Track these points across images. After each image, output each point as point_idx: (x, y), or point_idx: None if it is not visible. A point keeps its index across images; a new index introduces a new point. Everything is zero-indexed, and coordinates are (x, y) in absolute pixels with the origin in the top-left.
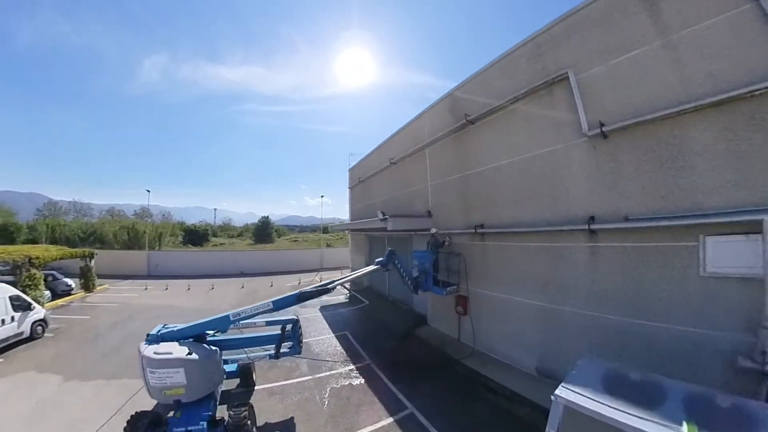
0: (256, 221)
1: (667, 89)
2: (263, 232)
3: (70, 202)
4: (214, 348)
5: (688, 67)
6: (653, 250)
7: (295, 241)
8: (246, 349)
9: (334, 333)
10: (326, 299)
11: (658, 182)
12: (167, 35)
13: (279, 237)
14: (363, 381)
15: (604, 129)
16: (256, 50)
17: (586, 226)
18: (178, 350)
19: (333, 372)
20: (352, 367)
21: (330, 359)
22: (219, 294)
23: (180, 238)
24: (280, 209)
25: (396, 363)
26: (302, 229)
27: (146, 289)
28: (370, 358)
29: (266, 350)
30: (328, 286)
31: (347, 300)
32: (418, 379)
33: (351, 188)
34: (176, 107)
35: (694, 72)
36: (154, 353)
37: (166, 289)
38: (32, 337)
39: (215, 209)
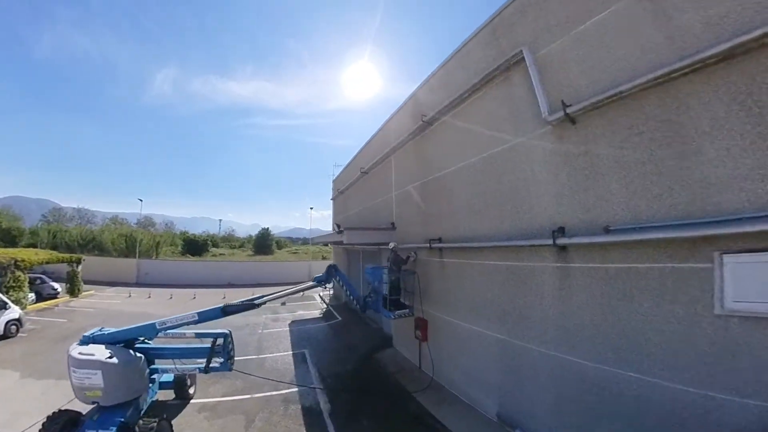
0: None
1: (651, 50)
2: (263, 243)
3: (74, 208)
4: (138, 355)
5: (676, 18)
6: (646, 275)
7: (295, 253)
8: (181, 360)
9: (293, 350)
10: (300, 313)
11: (649, 176)
12: (179, 49)
13: (280, 249)
14: (300, 408)
15: (569, 110)
16: (265, 65)
17: (551, 241)
18: (100, 353)
19: (274, 393)
20: (296, 390)
21: (277, 379)
22: (197, 304)
23: (179, 248)
24: (285, 221)
25: (344, 390)
26: (305, 241)
27: (130, 296)
28: (320, 381)
29: (198, 363)
30: (255, 302)
31: (321, 315)
32: (360, 413)
33: (333, 200)
34: (186, 119)
35: (687, 23)
36: (79, 353)
37: (149, 297)
38: (5, 336)
39: (220, 220)
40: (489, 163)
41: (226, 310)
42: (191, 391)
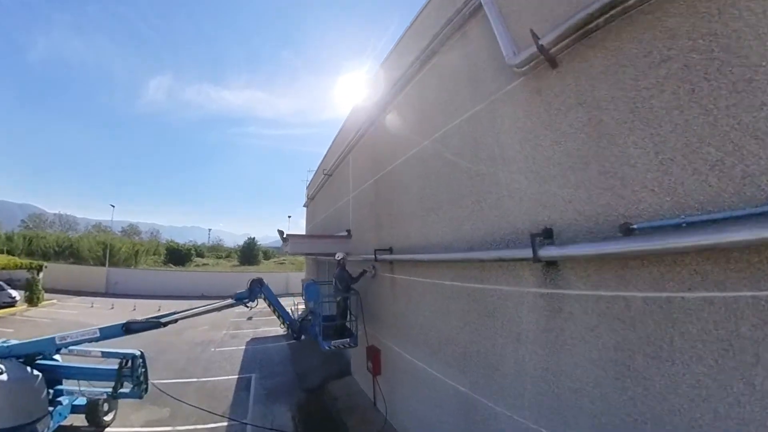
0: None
1: None
2: (249, 253)
3: (55, 214)
4: (36, 373)
5: None
6: (699, 312)
7: (281, 263)
8: (90, 383)
9: (240, 374)
10: (264, 330)
11: (694, 128)
12: (174, 57)
13: (267, 259)
14: None
15: (546, 43)
16: (259, 75)
17: (531, 252)
18: None
19: (200, 427)
20: (225, 425)
21: (209, 409)
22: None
23: (162, 257)
24: (275, 232)
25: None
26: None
27: (92, 306)
28: (254, 416)
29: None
30: (162, 320)
31: (285, 332)
32: None
33: (305, 207)
34: (179, 128)
35: None
36: None
37: (112, 308)
38: None
39: (209, 230)
40: (445, 142)
41: (129, 328)
42: (107, 417)
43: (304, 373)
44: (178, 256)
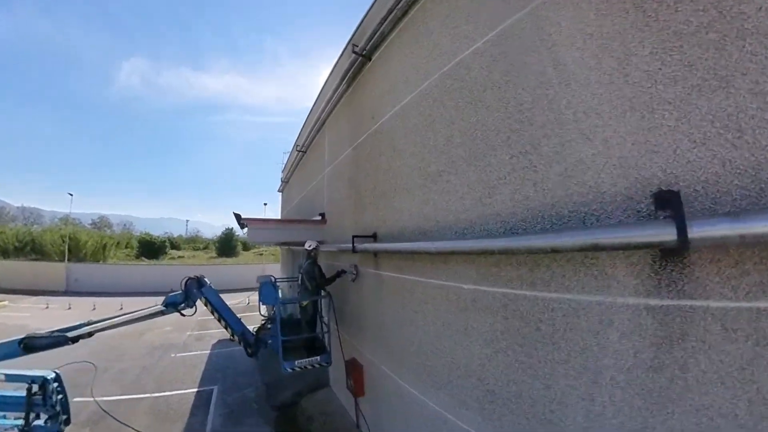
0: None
1: None
2: (227, 244)
3: (18, 207)
4: None
5: None
6: None
7: (261, 254)
8: None
9: (200, 387)
10: None
11: None
12: (149, 39)
13: (247, 250)
14: None
15: None
16: (240, 60)
17: (644, 233)
18: None
19: None
20: None
21: None
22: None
23: (135, 250)
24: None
25: None
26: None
27: (47, 307)
28: None
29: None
30: (69, 336)
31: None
32: None
33: (280, 191)
34: (155, 114)
35: None
36: None
37: (69, 308)
38: None
39: (187, 221)
40: (457, 78)
41: (30, 345)
42: None
43: (274, 384)
44: (151, 249)
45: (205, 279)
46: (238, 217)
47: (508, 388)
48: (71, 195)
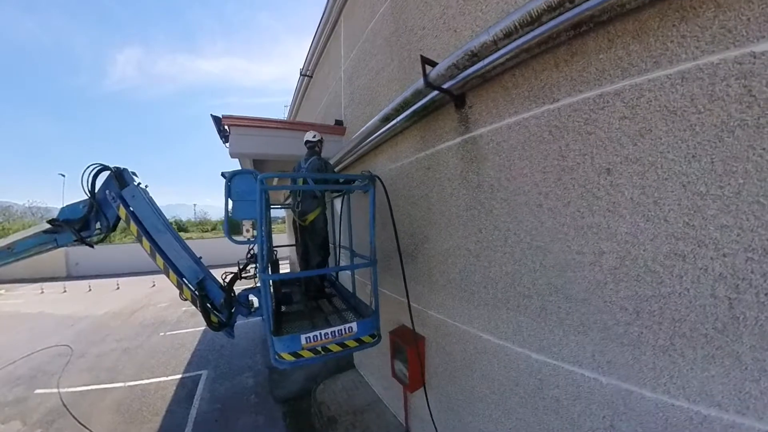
0: None
1: None
2: (234, 223)
3: (25, 206)
4: None
5: None
6: None
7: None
8: None
9: (185, 372)
10: None
11: None
12: (140, 28)
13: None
14: None
15: None
16: (236, 41)
17: None
18: None
19: None
20: None
21: None
22: (115, 296)
23: None
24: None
25: None
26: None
27: (42, 292)
28: None
29: None
30: None
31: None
32: None
33: None
34: (155, 103)
35: None
36: None
37: (64, 291)
38: None
39: (194, 204)
40: None
41: None
42: None
43: (280, 370)
44: None
45: (131, 172)
46: (216, 120)
47: None
48: (63, 175)
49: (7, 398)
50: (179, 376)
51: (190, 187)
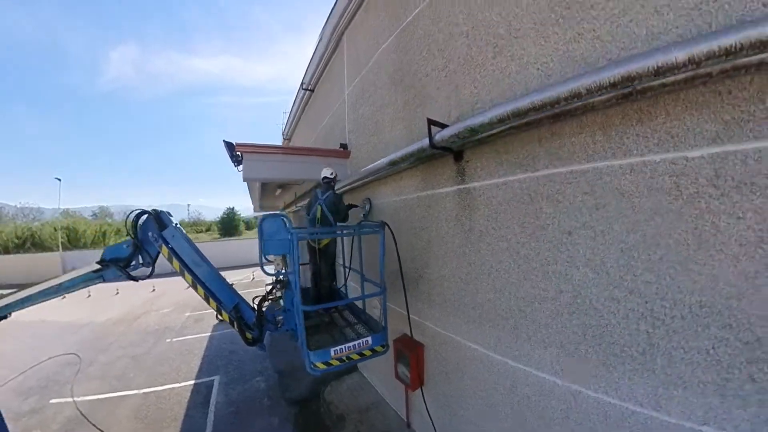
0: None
1: None
2: (229, 224)
3: (17, 207)
4: None
5: None
6: None
7: None
8: None
9: (197, 378)
10: None
11: None
12: (135, 25)
13: (250, 229)
14: None
15: None
16: (233, 39)
17: None
18: None
19: None
20: None
21: None
22: (116, 301)
23: None
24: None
25: None
26: None
27: None
28: None
29: None
30: None
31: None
32: None
33: None
34: (150, 102)
35: None
36: None
37: (63, 297)
38: None
39: (188, 205)
40: None
41: None
42: None
43: (288, 371)
44: None
45: (169, 214)
46: (229, 146)
47: None
48: (59, 180)
49: (23, 409)
50: (192, 382)
51: (184, 188)
